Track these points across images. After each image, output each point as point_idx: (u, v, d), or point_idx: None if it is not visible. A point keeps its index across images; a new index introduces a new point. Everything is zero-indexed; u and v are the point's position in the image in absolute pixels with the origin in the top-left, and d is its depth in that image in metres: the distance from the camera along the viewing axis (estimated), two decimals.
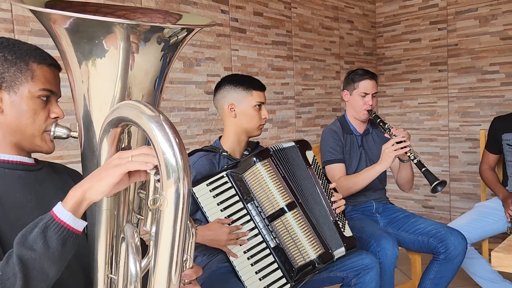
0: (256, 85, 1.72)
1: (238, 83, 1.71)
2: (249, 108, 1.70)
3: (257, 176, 1.58)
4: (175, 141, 0.69)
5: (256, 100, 1.70)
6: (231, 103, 1.70)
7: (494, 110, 3.24)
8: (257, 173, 1.58)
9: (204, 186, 1.57)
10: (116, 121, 0.76)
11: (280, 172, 1.61)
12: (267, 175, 1.58)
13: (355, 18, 3.59)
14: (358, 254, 1.72)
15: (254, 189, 1.58)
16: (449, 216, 3.53)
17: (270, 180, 1.57)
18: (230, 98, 1.71)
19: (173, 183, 0.69)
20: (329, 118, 3.30)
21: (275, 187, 1.58)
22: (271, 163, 1.60)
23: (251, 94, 1.70)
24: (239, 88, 1.70)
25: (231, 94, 1.71)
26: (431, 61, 3.54)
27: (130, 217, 0.91)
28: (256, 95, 1.71)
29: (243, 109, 1.70)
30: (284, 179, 1.61)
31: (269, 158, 1.61)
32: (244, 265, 1.53)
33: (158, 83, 0.85)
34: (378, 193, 2.34)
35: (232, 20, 2.65)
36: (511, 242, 1.16)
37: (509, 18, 3.15)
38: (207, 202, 1.56)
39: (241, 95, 1.70)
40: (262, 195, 1.58)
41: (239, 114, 1.70)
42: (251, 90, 1.70)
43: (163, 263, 0.72)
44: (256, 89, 1.71)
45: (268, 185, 1.57)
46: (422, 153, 3.62)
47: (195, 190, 1.55)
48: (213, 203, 1.56)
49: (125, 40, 0.75)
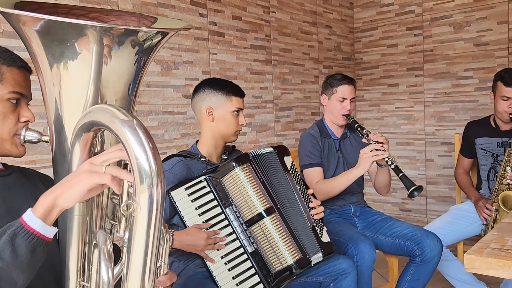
0: (236, 91, 1.71)
1: (218, 87, 1.70)
2: (227, 113, 1.70)
3: (236, 180, 1.57)
4: (149, 146, 0.68)
5: (235, 106, 1.70)
6: (209, 107, 1.69)
7: (468, 114, 3.31)
8: (236, 177, 1.57)
9: (183, 190, 1.55)
10: (88, 126, 0.75)
11: (259, 177, 1.60)
12: (246, 180, 1.57)
13: (333, 23, 3.63)
14: (336, 259, 1.73)
15: (232, 193, 1.57)
16: (425, 218, 3.59)
17: (249, 185, 1.57)
18: (209, 102, 1.70)
19: (147, 189, 0.68)
20: (308, 122, 3.32)
21: (254, 192, 1.57)
22: (250, 168, 1.59)
23: (231, 99, 1.69)
24: (219, 93, 1.69)
25: (211, 98, 1.69)
26: (408, 66, 3.61)
27: (103, 223, 0.90)
28: (236, 101, 1.70)
29: (221, 114, 1.69)
30: (263, 184, 1.61)
31: (248, 163, 1.60)
32: (221, 270, 1.52)
33: (133, 87, 0.84)
34: (356, 197, 2.36)
35: (211, 23, 2.64)
36: (483, 244, 1.18)
37: (482, 25, 3.23)
38: (185, 206, 1.55)
39: (220, 100, 1.69)
40: (241, 200, 1.57)
41: (217, 118, 1.70)
42: (231, 96, 1.69)
43: (136, 269, 0.70)
44: (236, 95, 1.71)
45: (247, 190, 1.56)
46: (400, 156, 3.68)
47: (173, 194, 1.54)
48: (191, 208, 1.55)
49: (98, 43, 0.74)
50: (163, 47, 2.39)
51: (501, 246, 1.18)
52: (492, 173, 2.47)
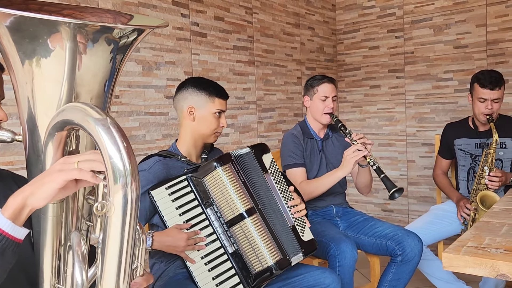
0: (220, 93, 1.70)
1: (202, 87, 1.68)
2: (209, 114, 1.69)
3: (217, 180, 1.56)
4: (123, 145, 0.67)
5: (217, 107, 1.69)
6: (191, 106, 1.68)
7: (448, 116, 3.36)
8: (217, 177, 1.56)
9: (163, 190, 1.54)
10: (61, 124, 0.73)
11: (240, 178, 1.60)
12: (228, 180, 1.56)
13: (316, 25, 3.64)
14: (322, 272, 1.70)
15: (213, 194, 1.56)
16: (407, 219, 3.62)
17: (230, 185, 1.56)
18: (191, 101, 1.68)
19: (121, 188, 0.67)
20: (291, 123, 3.33)
21: (235, 192, 1.56)
22: (232, 168, 1.58)
23: (213, 101, 1.68)
24: (202, 93, 1.68)
25: (193, 97, 1.68)
26: (389, 68, 3.64)
27: (79, 224, 0.88)
28: (218, 102, 1.69)
29: (202, 114, 1.68)
30: (244, 185, 1.60)
31: (230, 163, 1.59)
32: (201, 270, 1.51)
33: (108, 85, 0.82)
34: (338, 198, 2.37)
35: (193, 24, 2.63)
36: (461, 243, 1.19)
37: (461, 28, 3.28)
38: (165, 206, 1.53)
39: (203, 100, 1.68)
40: (222, 200, 1.56)
41: (198, 118, 1.69)
42: (214, 97, 1.68)
43: (110, 271, 0.69)
44: (219, 96, 1.70)
45: (228, 190, 1.55)
46: (382, 157, 3.71)
47: (153, 193, 1.52)
48: (171, 207, 1.54)
49: (72, 40, 0.72)
50: (144, 47, 2.36)
51: (478, 244, 1.20)
52: (471, 173, 2.51)
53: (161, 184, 1.55)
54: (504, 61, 3.13)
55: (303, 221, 1.72)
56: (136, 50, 2.33)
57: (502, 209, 1.66)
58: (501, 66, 3.12)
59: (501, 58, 3.14)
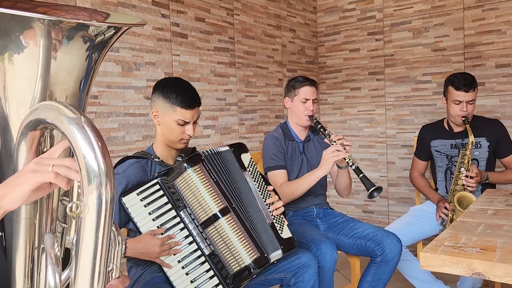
0: (184, 103, 1.60)
1: (167, 94, 1.61)
2: (170, 121, 1.61)
3: (189, 182, 1.54)
4: (97, 144, 0.66)
5: (178, 117, 1.60)
6: (156, 110, 1.64)
7: (427, 118, 3.41)
8: (188, 179, 1.54)
9: (135, 196, 1.51)
10: (34, 123, 0.72)
11: (212, 177, 1.58)
12: (199, 181, 1.54)
13: (297, 27, 3.66)
14: (295, 254, 1.73)
15: (186, 196, 1.54)
16: (387, 220, 3.66)
17: (202, 186, 1.54)
18: (156, 106, 1.64)
19: (95, 189, 0.65)
20: (272, 125, 3.33)
21: (207, 193, 1.54)
22: (202, 169, 1.56)
23: (174, 110, 1.60)
24: (165, 100, 1.61)
25: (159, 102, 1.63)
26: (369, 70, 3.68)
27: (54, 226, 0.86)
28: (180, 112, 1.60)
29: (165, 120, 1.63)
30: (217, 184, 1.58)
31: (201, 163, 1.57)
32: (179, 274, 1.49)
33: (84, 84, 0.81)
34: (318, 199, 2.38)
35: (173, 24, 2.61)
36: (438, 242, 1.21)
37: (439, 31, 3.34)
38: (138, 212, 1.50)
39: (165, 107, 1.62)
40: (195, 202, 1.54)
41: (162, 123, 1.64)
42: (176, 106, 1.60)
43: (84, 273, 0.67)
44: (182, 106, 1.60)
45: (200, 191, 1.53)
46: (362, 159, 3.74)
47: (125, 200, 1.49)
48: (144, 213, 1.51)
49: (46, 37, 0.71)
50: (124, 48, 2.34)
51: (455, 243, 1.21)
52: (448, 174, 2.55)
53: (132, 189, 1.52)
54: (480, 64, 3.20)
55: (281, 219, 1.72)
56: (115, 51, 2.30)
57: (478, 209, 1.69)
58: (478, 69, 3.19)
59: (477, 61, 3.21)
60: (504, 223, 1.45)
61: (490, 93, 3.17)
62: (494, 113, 3.15)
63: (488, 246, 1.19)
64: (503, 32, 3.10)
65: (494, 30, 3.13)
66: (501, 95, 3.14)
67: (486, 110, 3.16)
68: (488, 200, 1.83)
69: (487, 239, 1.26)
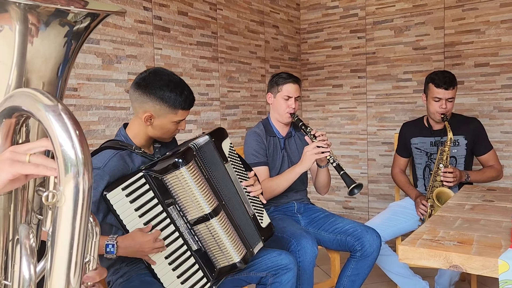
0: (187, 104, 1.54)
1: (166, 97, 1.49)
2: (168, 123, 1.54)
3: (181, 180, 1.44)
4: (75, 132, 0.64)
5: (178, 118, 1.54)
6: (150, 114, 1.51)
7: (407, 115, 3.46)
8: (180, 177, 1.44)
9: (120, 191, 1.40)
10: (9, 111, 0.69)
11: (204, 174, 1.50)
12: (192, 179, 1.45)
13: (280, 24, 3.66)
14: (278, 254, 1.73)
15: (176, 193, 1.46)
16: (367, 216, 3.70)
17: (195, 185, 1.45)
18: (150, 109, 1.51)
19: (72, 178, 0.63)
20: (254, 121, 3.33)
21: (201, 192, 1.46)
22: (195, 166, 1.48)
23: (176, 112, 1.52)
24: (165, 104, 1.50)
25: (154, 106, 1.50)
26: (351, 67, 3.71)
27: (29, 217, 0.84)
28: (181, 114, 1.54)
29: (161, 123, 1.53)
30: (209, 181, 1.51)
31: (193, 159, 1.48)
32: (166, 270, 1.46)
33: (62, 71, 0.79)
34: (299, 194, 2.39)
35: (155, 18, 2.58)
36: (416, 236, 1.22)
37: (420, 30, 3.38)
38: (123, 209, 1.41)
39: (164, 111, 1.51)
40: (186, 200, 1.47)
41: (155, 125, 1.54)
42: (177, 110, 1.52)
43: (60, 264, 0.66)
44: (184, 108, 1.53)
45: (193, 190, 1.45)
46: (343, 155, 3.77)
47: (109, 196, 1.39)
48: (130, 209, 1.41)
49: (22, 22, 0.69)
50: (104, 40, 2.30)
51: (432, 237, 1.23)
52: (427, 171, 2.59)
53: (116, 184, 1.41)
54: (460, 63, 3.25)
55: (259, 205, 1.71)
56: (96, 43, 2.26)
57: (456, 204, 1.72)
58: (457, 67, 3.24)
59: (457, 60, 3.26)
60: (480, 218, 1.47)
61: (468, 92, 3.23)
62: (472, 111, 3.21)
63: (465, 239, 1.21)
64: (482, 32, 3.16)
65: (474, 30, 3.19)
66: (479, 94, 3.20)
67: (465, 108, 3.22)
68: (465, 196, 1.87)
69: (464, 233, 1.28)
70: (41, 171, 0.68)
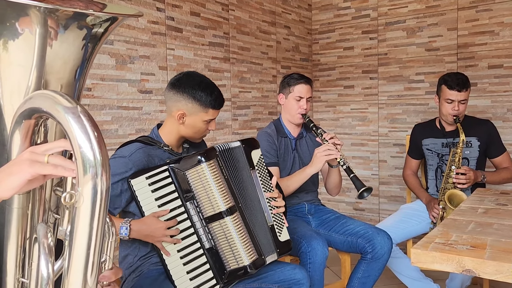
0: (217, 104, 1.63)
1: (198, 96, 1.59)
2: (199, 122, 1.63)
3: (201, 176, 1.52)
4: (93, 134, 0.65)
5: (209, 117, 1.63)
6: (182, 113, 1.61)
7: (419, 117, 3.43)
8: (201, 172, 1.52)
9: (143, 179, 1.50)
10: (29, 112, 0.71)
11: (224, 174, 1.57)
12: (211, 176, 1.52)
13: (292, 24, 3.66)
14: (292, 268, 1.72)
15: (195, 188, 1.53)
16: (378, 217, 3.68)
17: (214, 182, 1.53)
18: (183, 107, 1.60)
19: (90, 179, 0.65)
20: (265, 121, 3.34)
21: (218, 189, 1.53)
22: (216, 164, 1.55)
23: (207, 111, 1.62)
24: (197, 103, 1.59)
25: (186, 104, 1.60)
26: (363, 68, 3.69)
27: (46, 216, 0.85)
28: (212, 113, 1.63)
29: (193, 121, 1.62)
30: (227, 182, 1.57)
31: (215, 158, 1.56)
32: (176, 264, 1.49)
33: (79, 74, 0.80)
34: (310, 195, 2.39)
35: (168, 18, 2.60)
36: (429, 239, 1.22)
37: (433, 31, 3.35)
38: (144, 196, 1.50)
39: (196, 109, 1.60)
40: (203, 196, 1.53)
41: (187, 124, 1.63)
42: (208, 109, 1.61)
43: (78, 264, 0.67)
44: (214, 107, 1.62)
45: (211, 187, 1.52)
46: (354, 157, 3.76)
47: (133, 182, 1.49)
48: (150, 198, 1.50)
49: (42, 25, 0.70)
50: (118, 40, 2.32)
51: (445, 241, 1.22)
52: (439, 172, 2.57)
53: (141, 172, 1.50)
54: (473, 64, 3.22)
55: (281, 221, 1.73)
56: (109, 43, 2.29)
57: (468, 207, 1.70)
58: (471, 69, 3.21)
59: (470, 62, 3.23)
60: (494, 222, 1.46)
61: (482, 94, 3.20)
62: (485, 113, 3.18)
63: (478, 243, 1.20)
64: (496, 33, 3.13)
65: (487, 31, 3.16)
66: (492, 96, 3.17)
67: (478, 110, 3.19)
68: (478, 199, 1.85)
69: (477, 237, 1.27)
70: (59, 171, 0.69)
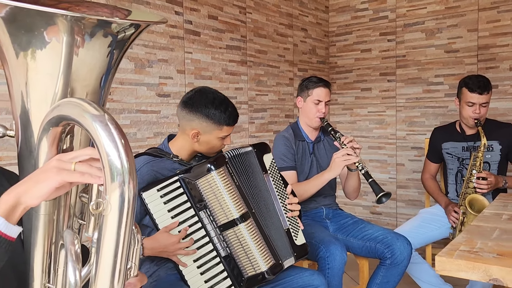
0: (232, 120, 1.60)
1: (211, 115, 1.56)
2: (214, 139, 1.61)
3: (212, 184, 1.51)
4: (121, 142, 0.65)
5: (224, 134, 1.61)
6: (196, 132, 1.58)
7: (438, 120, 3.39)
8: (211, 181, 1.50)
9: (155, 192, 1.49)
10: (56, 120, 0.71)
11: (235, 181, 1.56)
12: (222, 184, 1.51)
13: (308, 27, 3.65)
14: (310, 274, 1.70)
15: (207, 197, 1.51)
16: (395, 222, 3.64)
17: (225, 190, 1.51)
18: (197, 126, 1.58)
19: (118, 187, 0.65)
20: (282, 124, 3.33)
21: (230, 197, 1.52)
22: (226, 172, 1.54)
23: (221, 129, 1.59)
24: (211, 121, 1.57)
25: (201, 123, 1.57)
26: (381, 71, 3.66)
27: (71, 222, 0.86)
28: (226, 129, 1.60)
29: (207, 139, 1.60)
30: (239, 188, 1.56)
31: (225, 165, 1.54)
32: (194, 274, 1.49)
33: (105, 81, 0.81)
34: (328, 199, 2.37)
35: (186, 22, 2.61)
36: (453, 247, 1.20)
37: (453, 32, 3.31)
38: (157, 208, 1.49)
39: (210, 128, 1.58)
40: (216, 204, 1.52)
41: (202, 141, 1.61)
42: (222, 126, 1.59)
43: (105, 271, 0.67)
44: (229, 124, 1.60)
45: (223, 195, 1.51)
46: (371, 160, 3.72)
47: (145, 195, 1.48)
48: (163, 210, 1.49)
49: (69, 34, 0.71)
50: (137, 44, 2.34)
51: (470, 248, 1.20)
52: (459, 176, 2.53)
53: (152, 185, 1.50)
54: (494, 66, 3.17)
55: (297, 224, 1.72)
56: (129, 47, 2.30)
57: (492, 213, 1.67)
58: (491, 71, 3.16)
59: (491, 63, 3.18)
60: None
61: (503, 96, 3.14)
62: (507, 116, 3.12)
63: (505, 251, 1.17)
64: None
65: (509, 32, 3.10)
66: None
67: (499, 113, 3.13)
68: (502, 205, 1.81)
69: (504, 244, 1.24)
70: (86, 179, 0.69)
